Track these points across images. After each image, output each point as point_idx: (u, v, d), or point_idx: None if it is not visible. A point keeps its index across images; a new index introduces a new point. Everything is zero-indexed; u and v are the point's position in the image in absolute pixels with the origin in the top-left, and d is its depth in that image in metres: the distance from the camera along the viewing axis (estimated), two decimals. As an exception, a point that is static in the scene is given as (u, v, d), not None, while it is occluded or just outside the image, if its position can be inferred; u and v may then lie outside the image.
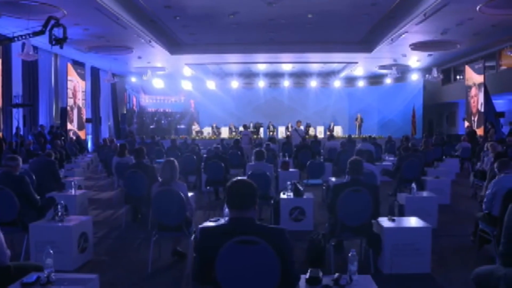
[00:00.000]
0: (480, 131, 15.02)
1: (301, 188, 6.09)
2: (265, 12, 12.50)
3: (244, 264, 2.35)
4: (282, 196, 6.13)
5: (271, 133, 21.20)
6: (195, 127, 21.52)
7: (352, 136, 18.17)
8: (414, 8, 11.85)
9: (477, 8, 10.97)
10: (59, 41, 9.55)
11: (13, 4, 10.19)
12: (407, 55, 17.27)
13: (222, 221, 4.62)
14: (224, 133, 20.99)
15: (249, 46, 16.59)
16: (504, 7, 11.01)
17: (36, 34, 9.73)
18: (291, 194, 6.09)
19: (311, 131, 20.79)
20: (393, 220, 4.55)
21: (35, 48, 13.86)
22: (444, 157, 12.26)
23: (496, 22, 12.49)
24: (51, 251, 3.00)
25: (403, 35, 13.76)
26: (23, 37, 9.97)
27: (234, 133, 20.68)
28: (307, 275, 2.75)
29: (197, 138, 19.74)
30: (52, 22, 9.37)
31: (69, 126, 15.89)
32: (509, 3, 10.79)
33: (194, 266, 2.54)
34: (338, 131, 21.35)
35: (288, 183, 6.26)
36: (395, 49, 15.90)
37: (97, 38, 14.16)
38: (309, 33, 15.14)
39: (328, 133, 21.32)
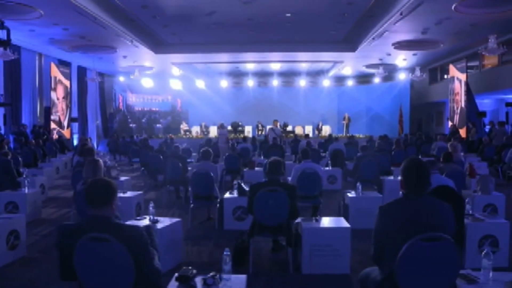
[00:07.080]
0: (462, 131, 14.95)
1: (246, 187, 6.10)
2: (243, 12, 12.49)
3: (98, 261, 2.43)
4: (226, 195, 6.15)
5: (259, 132, 21.24)
6: (183, 126, 21.57)
7: (340, 135, 18.27)
8: (391, 7, 11.81)
9: (453, 7, 10.90)
10: (3, 43, 9.66)
11: (-13, 4, 10.28)
12: (391, 54, 17.18)
13: (147, 219, 4.69)
14: (213, 132, 21.02)
15: (233, 45, 16.59)
16: (479, 7, 10.94)
17: None
18: (235, 193, 6.12)
19: (299, 130, 20.78)
20: (317, 221, 4.57)
21: (18, 47, 13.97)
22: (420, 156, 12.22)
23: (474, 22, 12.41)
24: None
25: (384, 34, 13.71)
26: None
27: (223, 132, 20.69)
28: (177, 274, 2.79)
29: (184, 137, 19.83)
30: None
31: (52, 125, 15.99)
32: (484, 2, 10.72)
33: (59, 264, 2.61)
34: (326, 130, 21.30)
35: (234, 182, 6.29)
36: (378, 48, 15.83)
37: (79, 38, 14.23)
38: (291, 32, 15.10)
39: (316, 132, 21.36)
